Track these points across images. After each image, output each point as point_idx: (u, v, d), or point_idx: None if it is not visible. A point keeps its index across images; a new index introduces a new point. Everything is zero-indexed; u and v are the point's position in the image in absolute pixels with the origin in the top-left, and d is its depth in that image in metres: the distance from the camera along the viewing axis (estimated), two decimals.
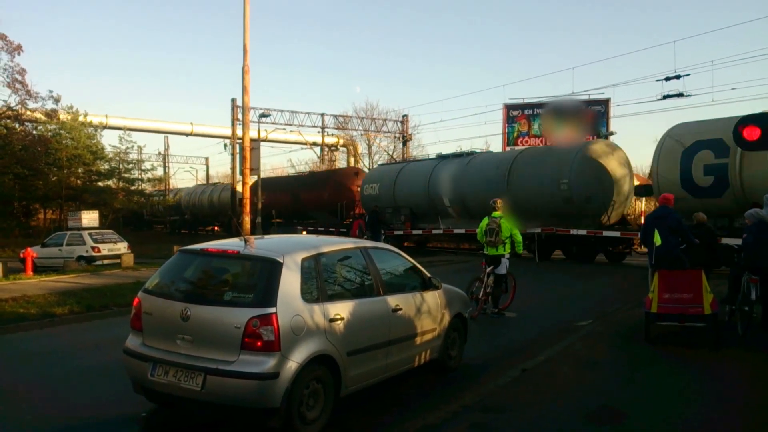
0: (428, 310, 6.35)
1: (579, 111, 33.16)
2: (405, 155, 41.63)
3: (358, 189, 29.08)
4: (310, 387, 4.82)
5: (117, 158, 40.94)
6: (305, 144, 44.62)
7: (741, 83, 71.75)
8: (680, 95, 24.93)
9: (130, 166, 42.38)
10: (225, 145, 42.73)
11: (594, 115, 33.19)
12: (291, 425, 4.64)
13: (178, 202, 46.97)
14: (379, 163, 28.74)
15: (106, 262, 20.89)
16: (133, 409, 5.49)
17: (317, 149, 46.87)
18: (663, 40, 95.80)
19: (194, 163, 67.13)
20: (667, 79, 24.78)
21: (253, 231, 20.82)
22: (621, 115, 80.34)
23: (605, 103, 32.93)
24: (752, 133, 7.53)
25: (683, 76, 24.67)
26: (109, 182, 41.41)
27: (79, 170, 38.12)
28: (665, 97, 25.14)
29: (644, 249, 9.81)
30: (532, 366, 6.80)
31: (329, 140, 45.30)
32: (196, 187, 51.10)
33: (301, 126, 39.18)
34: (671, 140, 16.66)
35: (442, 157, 25.25)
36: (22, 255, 19.51)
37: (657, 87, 66.79)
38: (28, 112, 32.68)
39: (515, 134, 34.97)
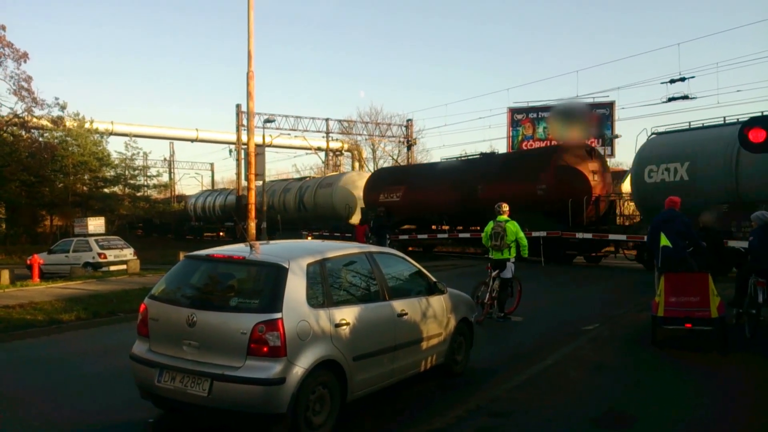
0: (434, 315, 6.35)
1: (584, 114, 33.13)
2: (409, 160, 41.63)
3: (594, 176, 20.01)
4: (317, 392, 4.82)
5: (123, 165, 41.24)
6: (310, 149, 44.75)
7: (746, 85, 71.62)
8: (685, 97, 24.91)
9: (136, 172, 42.66)
10: (230, 151, 43.05)
11: (599, 118, 33.20)
12: (297, 430, 4.64)
13: (232, 204, 36.79)
14: (654, 134, 18.32)
15: (112, 268, 20.98)
16: (140, 414, 5.51)
17: (322, 154, 47.01)
18: (667, 43, 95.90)
19: (199, 169, 67.50)
20: (672, 81, 24.80)
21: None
22: (626, 118, 79.33)
23: (610, 105, 32.96)
24: (758, 135, 7.48)
25: (688, 78, 24.69)
26: (115, 189, 41.71)
27: (85, 177, 38.38)
28: (670, 99, 25.14)
29: None
30: (538, 370, 6.78)
31: (334, 145, 45.47)
32: (274, 184, 36.38)
33: (306, 131, 39.29)
34: None
35: None
36: (28, 262, 19.62)
37: (662, 89, 66.78)
38: (35, 120, 32.93)
39: (520, 138, 35.01)
